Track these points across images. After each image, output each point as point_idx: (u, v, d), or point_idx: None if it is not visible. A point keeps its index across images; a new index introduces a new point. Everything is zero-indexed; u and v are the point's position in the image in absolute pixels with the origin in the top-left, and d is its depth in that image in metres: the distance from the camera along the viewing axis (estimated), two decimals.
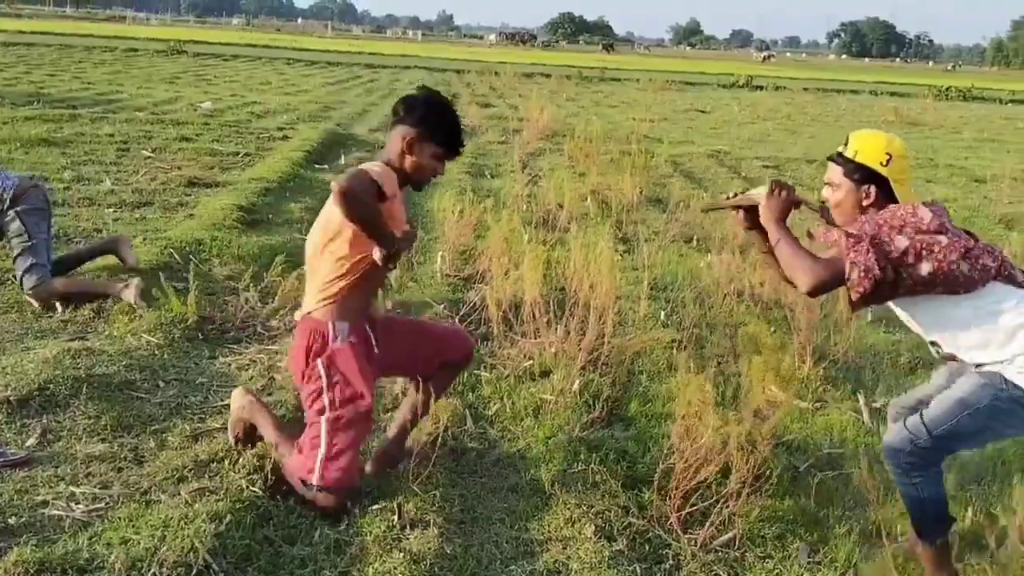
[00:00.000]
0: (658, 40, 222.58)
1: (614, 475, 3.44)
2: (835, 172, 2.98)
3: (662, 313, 5.40)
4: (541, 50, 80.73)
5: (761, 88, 33.52)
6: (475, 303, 5.25)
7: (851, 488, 3.56)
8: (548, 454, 3.65)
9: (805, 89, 33.85)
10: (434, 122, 3.19)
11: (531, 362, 4.51)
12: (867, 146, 2.94)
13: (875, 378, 4.82)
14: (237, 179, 8.66)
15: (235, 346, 4.61)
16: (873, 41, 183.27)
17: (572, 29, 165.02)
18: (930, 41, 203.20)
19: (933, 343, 2.96)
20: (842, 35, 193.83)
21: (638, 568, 2.95)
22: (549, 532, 3.14)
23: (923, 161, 14.23)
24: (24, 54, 26.25)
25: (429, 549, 2.92)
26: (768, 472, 3.55)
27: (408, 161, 3.18)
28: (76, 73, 20.98)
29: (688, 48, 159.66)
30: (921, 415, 2.86)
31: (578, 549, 3.00)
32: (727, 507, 3.14)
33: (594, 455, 3.58)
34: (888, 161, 2.89)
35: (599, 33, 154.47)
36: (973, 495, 3.56)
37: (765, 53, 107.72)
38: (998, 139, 19.15)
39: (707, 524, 3.13)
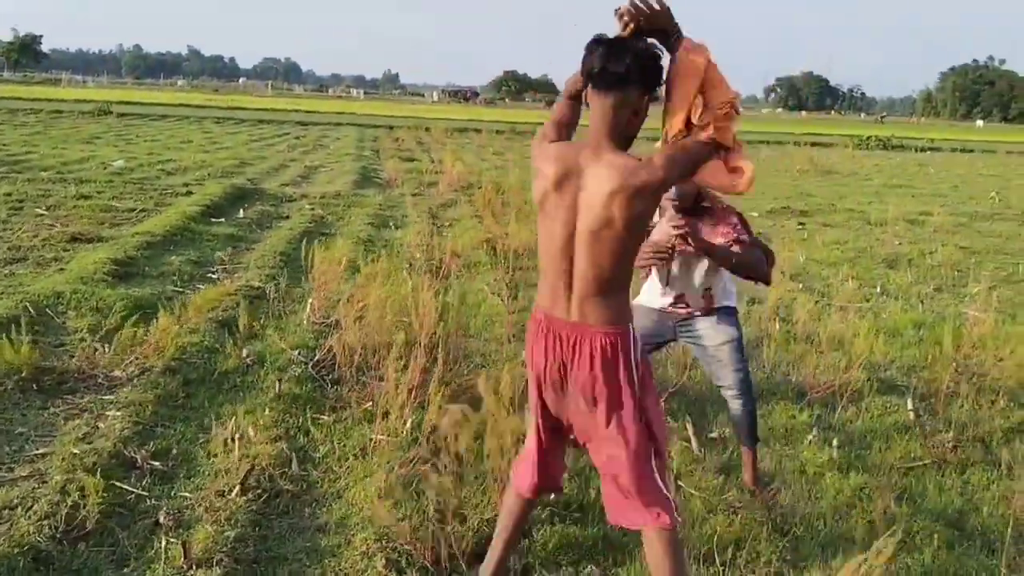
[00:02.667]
0: None
1: (420, 511, 3.44)
2: None
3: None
4: (483, 107, 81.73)
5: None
6: (330, 347, 5.24)
7: None
8: (363, 493, 3.64)
9: None
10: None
11: (370, 404, 4.50)
12: None
13: (715, 410, 4.89)
14: (122, 234, 8.59)
15: (70, 396, 4.54)
16: (808, 95, 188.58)
17: (516, 87, 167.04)
18: (862, 94, 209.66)
19: (708, 289, 3.96)
20: (778, 90, 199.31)
21: None
22: (343, 568, 3.12)
23: (824, 207, 14.63)
24: None
25: None
26: (576, 502, 3.60)
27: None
28: None
29: None
30: (736, 360, 3.92)
31: None
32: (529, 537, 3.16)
33: (409, 491, 3.58)
34: None
35: (545, 90, 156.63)
36: None
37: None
38: (906, 185, 19.78)
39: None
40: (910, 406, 5.01)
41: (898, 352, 6.22)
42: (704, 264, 3.88)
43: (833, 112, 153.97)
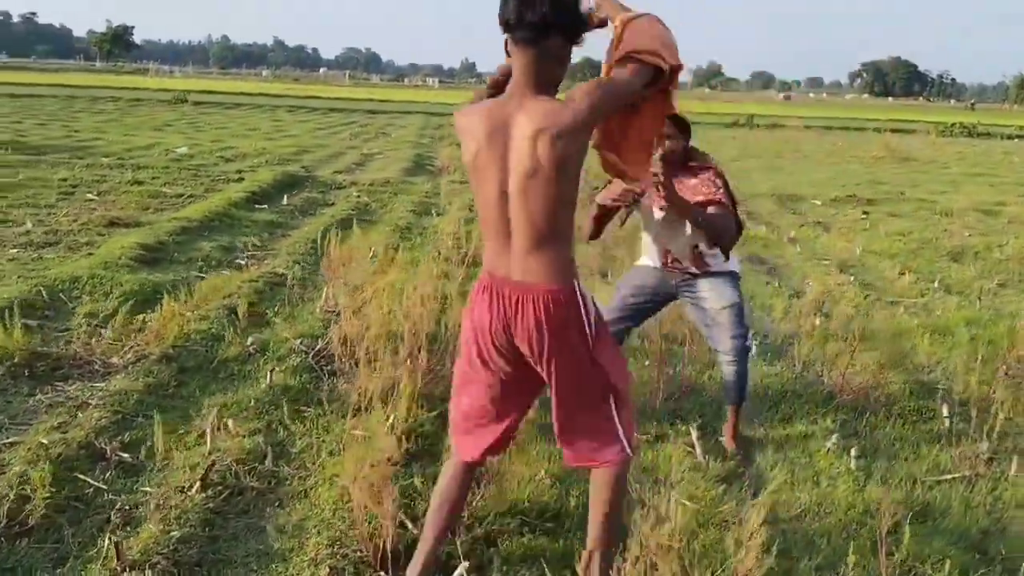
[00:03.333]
0: (681, 84, 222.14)
1: (385, 515, 3.23)
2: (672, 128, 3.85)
3: None
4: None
5: (761, 127, 33.40)
6: (330, 338, 5.09)
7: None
8: (328, 492, 3.46)
9: (807, 127, 33.68)
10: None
11: (357, 397, 4.32)
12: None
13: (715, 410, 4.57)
14: (161, 219, 8.61)
15: (60, 383, 4.46)
16: (895, 80, 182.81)
17: (594, 74, 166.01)
18: (952, 80, 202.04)
19: (695, 247, 4.02)
20: (864, 75, 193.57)
21: None
22: (289, 574, 2.95)
23: (893, 195, 13.97)
24: (26, 105, 26.74)
25: None
26: (552, 511, 3.37)
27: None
28: (67, 122, 21.30)
29: (708, 90, 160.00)
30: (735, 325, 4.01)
31: None
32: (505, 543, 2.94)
33: (372, 492, 3.38)
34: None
35: None
36: None
37: (784, 94, 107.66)
38: (987, 174, 18.81)
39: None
40: (945, 413, 4.62)
41: (945, 353, 5.79)
42: (687, 223, 3.91)
43: (921, 99, 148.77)
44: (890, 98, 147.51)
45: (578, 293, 2.56)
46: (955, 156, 23.23)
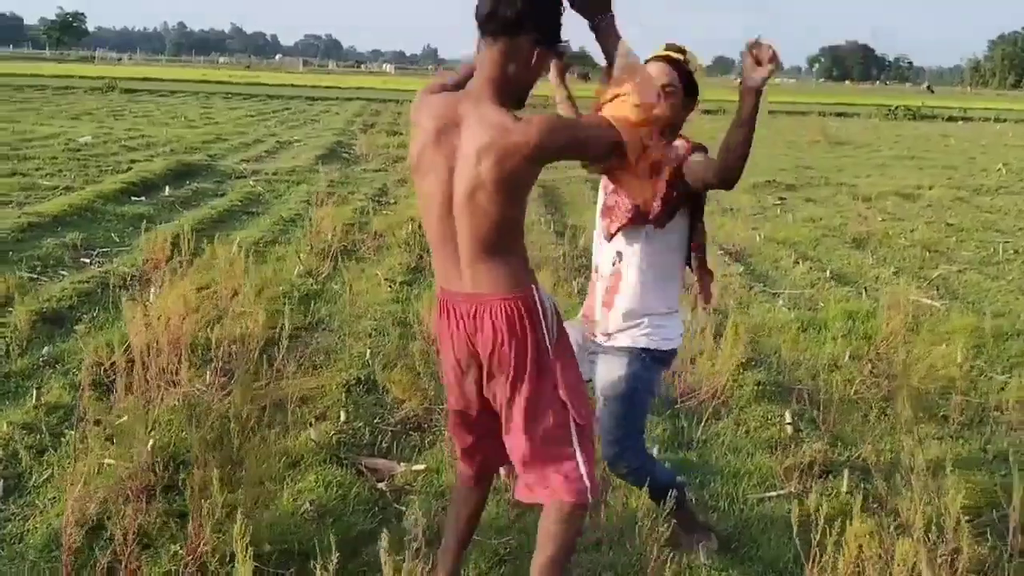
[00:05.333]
0: None
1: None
2: (674, 75, 2.80)
3: None
4: None
5: (708, 112, 33.06)
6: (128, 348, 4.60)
7: None
8: (41, 534, 2.99)
9: None
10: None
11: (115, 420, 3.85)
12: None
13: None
14: (12, 214, 8.02)
15: None
16: (854, 65, 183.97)
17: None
18: (910, 64, 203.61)
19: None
20: (822, 60, 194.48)
21: None
22: None
23: (816, 180, 13.69)
24: None
25: None
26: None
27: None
28: None
29: None
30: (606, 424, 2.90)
31: None
32: None
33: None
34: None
35: (581, 62, 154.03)
36: None
37: (738, 78, 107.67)
38: (918, 156, 18.61)
39: None
40: (788, 419, 4.24)
41: (816, 349, 5.43)
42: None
43: (878, 83, 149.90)
44: (847, 82, 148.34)
45: (536, 300, 2.40)
46: (892, 139, 23.07)
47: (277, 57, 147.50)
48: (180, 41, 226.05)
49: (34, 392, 4.10)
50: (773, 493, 3.64)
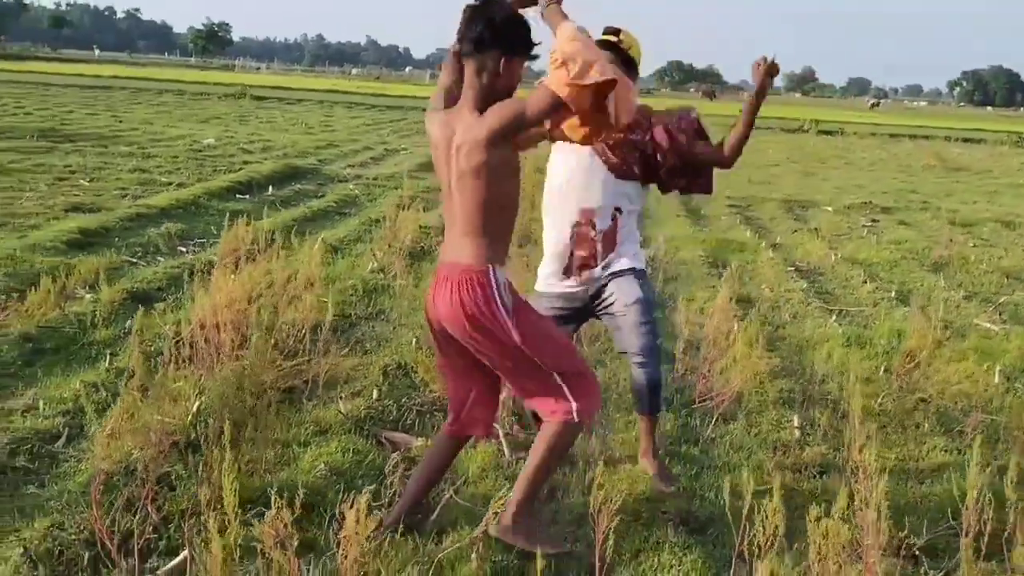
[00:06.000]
0: (775, 87, 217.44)
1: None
2: (611, 56, 3.48)
3: None
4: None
5: (829, 133, 32.43)
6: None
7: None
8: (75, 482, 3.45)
9: (872, 134, 32.61)
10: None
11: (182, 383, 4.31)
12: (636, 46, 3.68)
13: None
14: (122, 205, 8.77)
15: None
16: (997, 90, 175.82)
17: (680, 77, 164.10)
18: None
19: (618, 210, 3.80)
20: (964, 84, 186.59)
21: None
22: None
23: (915, 204, 13.40)
24: (90, 96, 27.63)
25: None
26: None
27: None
28: (120, 112, 21.93)
29: (800, 96, 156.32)
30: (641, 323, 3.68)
31: None
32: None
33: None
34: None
35: (709, 81, 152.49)
36: None
37: (872, 100, 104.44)
38: None
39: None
40: (796, 422, 4.37)
41: (855, 363, 5.48)
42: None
43: (1022, 109, 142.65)
44: (989, 108, 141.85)
45: (492, 276, 2.87)
46: (1014, 168, 22.15)
47: (407, 69, 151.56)
48: (318, 52, 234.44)
49: (108, 357, 4.61)
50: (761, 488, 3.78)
